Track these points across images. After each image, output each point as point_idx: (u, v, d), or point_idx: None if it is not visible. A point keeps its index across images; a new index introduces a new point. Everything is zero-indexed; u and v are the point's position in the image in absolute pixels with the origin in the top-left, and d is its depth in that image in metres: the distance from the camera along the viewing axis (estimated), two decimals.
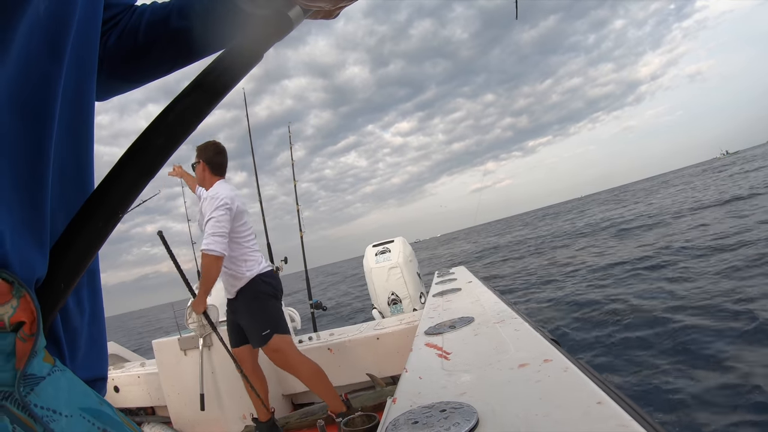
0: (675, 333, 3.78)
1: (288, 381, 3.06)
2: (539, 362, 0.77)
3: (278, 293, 2.58)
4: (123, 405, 3.53)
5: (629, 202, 24.91)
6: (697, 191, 18.67)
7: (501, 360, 0.85)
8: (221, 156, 2.57)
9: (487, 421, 0.59)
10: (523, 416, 0.59)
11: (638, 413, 0.55)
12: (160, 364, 3.15)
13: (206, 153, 2.53)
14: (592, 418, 0.53)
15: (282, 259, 4.07)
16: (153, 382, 3.32)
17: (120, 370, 3.70)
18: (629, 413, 0.53)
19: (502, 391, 0.70)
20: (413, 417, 0.66)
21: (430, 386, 0.81)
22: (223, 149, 2.60)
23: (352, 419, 2.26)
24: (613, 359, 3.65)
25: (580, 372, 0.69)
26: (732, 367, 2.96)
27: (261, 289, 2.48)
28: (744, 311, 3.79)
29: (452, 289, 2.04)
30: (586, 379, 0.65)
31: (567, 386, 0.65)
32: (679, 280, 5.38)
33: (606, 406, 0.55)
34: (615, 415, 0.53)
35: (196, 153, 2.56)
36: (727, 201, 11.98)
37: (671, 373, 3.13)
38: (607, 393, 0.59)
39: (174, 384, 3.07)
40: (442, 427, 0.59)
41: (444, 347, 1.05)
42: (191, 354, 2.98)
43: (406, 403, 0.73)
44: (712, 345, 3.36)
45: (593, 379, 0.66)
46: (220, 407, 2.92)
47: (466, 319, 1.28)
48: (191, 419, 3.01)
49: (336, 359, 2.97)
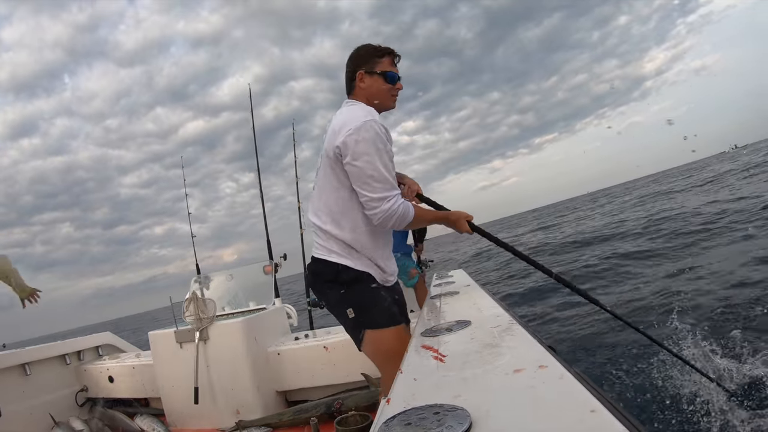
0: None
1: (282, 378, 3.06)
2: (534, 368, 0.77)
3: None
4: (117, 395, 3.53)
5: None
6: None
7: (496, 364, 0.85)
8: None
9: (480, 425, 0.59)
10: (517, 421, 0.59)
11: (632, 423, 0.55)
12: (155, 356, 3.15)
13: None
14: (586, 427, 0.53)
15: (281, 256, 4.08)
16: (148, 373, 3.32)
17: (115, 360, 3.71)
18: (623, 423, 0.53)
19: (496, 395, 0.70)
20: (406, 418, 0.66)
21: (425, 388, 0.81)
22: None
23: (345, 418, 2.27)
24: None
25: (574, 379, 0.69)
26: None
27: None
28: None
29: (450, 292, 2.04)
30: (581, 387, 0.66)
31: (561, 393, 0.65)
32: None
33: (599, 415, 0.56)
34: (608, 424, 0.53)
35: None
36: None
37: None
38: (601, 402, 0.59)
39: (168, 376, 3.08)
40: (435, 429, 0.59)
41: (440, 349, 1.05)
42: (187, 347, 2.98)
43: (400, 404, 0.73)
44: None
45: (588, 387, 0.66)
46: (214, 401, 2.93)
47: (463, 322, 1.28)
48: (184, 412, 3.01)
49: (331, 358, 2.97)
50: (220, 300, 3.57)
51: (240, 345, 2.90)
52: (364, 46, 1.82)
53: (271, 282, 3.75)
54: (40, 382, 3.37)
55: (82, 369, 3.65)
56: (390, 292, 1.85)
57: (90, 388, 3.60)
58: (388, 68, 1.79)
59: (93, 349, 3.88)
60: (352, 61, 1.81)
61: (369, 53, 1.79)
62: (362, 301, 1.71)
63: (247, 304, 3.62)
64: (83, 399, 3.58)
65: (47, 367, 3.47)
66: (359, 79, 1.78)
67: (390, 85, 1.79)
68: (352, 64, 1.80)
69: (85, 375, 3.64)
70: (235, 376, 2.90)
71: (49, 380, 3.44)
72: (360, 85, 1.78)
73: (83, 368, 3.65)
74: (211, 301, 3.06)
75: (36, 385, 3.33)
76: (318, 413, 2.62)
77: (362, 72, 1.77)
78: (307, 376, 3.02)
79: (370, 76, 1.77)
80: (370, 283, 1.74)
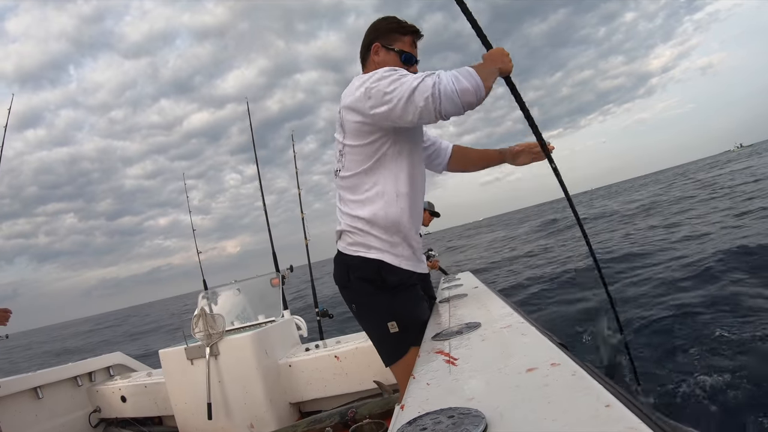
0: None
1: (294, 389, 3.06)
2: (547, 366, 0.77)
3: None
4: (130, 415, 3.53)
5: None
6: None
7: (508, 365, 0.84)
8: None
9: (495, 426, 0.59)
10: (532, 420, 0.58)
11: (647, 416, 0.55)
12: (166, 374, 3.15)
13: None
14: (601, 421, 0.53)
15: (287, 267, 4.09)
16: (160, 391, 3.33)
17: (126, 380, 3.71)
18: (638, 416, 0.53)
19: (510, 395, 0.70)
20: (421, 424, 0.66)
21: (438, 392, 0.81)
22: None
23: (360, 426, 2.25)
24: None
25: (588, 375, 0.69)
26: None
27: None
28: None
29: (458, 294, 2.04)
30: (595, 383, 0.65)
31: (575, 390, 0.65)
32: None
33: (615, 410, 0.55)
34: (624, 418, 0.53)
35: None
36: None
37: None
38: (615, 396, 0.59)
39: (181, 393, 3.08)
40: None
41: (451, 353, 1.05)
42: (198, 363, 2.98)
43: (414, 410, 0.73)
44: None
45: (602, 383, 0.65)
46: (228, 416, 2.92)
47: (472, 324, 1.27)
48: (199, 428, 3.01)
49: (343, 367, 2.96)
50: (228, 314, 3.58)
51: (251, 358, 2.90)
52: (388, 18, 1.68)
53: (279, 294, 3.75)
54: (53, 405, 3.38)
55: (94, 390, 3.66)
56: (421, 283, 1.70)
57: (103, 409, 3.61)
58: (408, 48, 1.66)
59: (104, 370, 3.89)
60: (372, 31, 1.66)
61: (391, 27, 1.65)
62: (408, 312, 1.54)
63: (255, 317, 3.62)
64: (96, 420, 3.58)
65: (59, 390, 3.48)
66: (374, 52, 1.64)
67: (405, 66, 1.63)
68: (371, 34, 1.66)
69: (97, 396, 3.64)
70: (247, 390, 2.90)
71: (62, 403, 3.45)
72: (374, 58, 1.65)
73: (95, 389, 3.66)
74: (220, 316, 3.06)
75: (49, 408, 3.34)
76: (332, 423, 2.61)
77: (379, 45, 1.63)
78: (319, 386, 3.01)
79: (386, 52, 1.63)
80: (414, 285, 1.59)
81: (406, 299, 1.57)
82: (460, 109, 1.37)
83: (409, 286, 1.61)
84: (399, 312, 1.54)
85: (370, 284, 1.56)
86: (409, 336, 1.50)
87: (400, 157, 1.56)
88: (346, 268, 1.61)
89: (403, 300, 1.56)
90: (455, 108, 1.37)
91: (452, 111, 1.37)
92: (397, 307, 1.55)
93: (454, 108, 1.36)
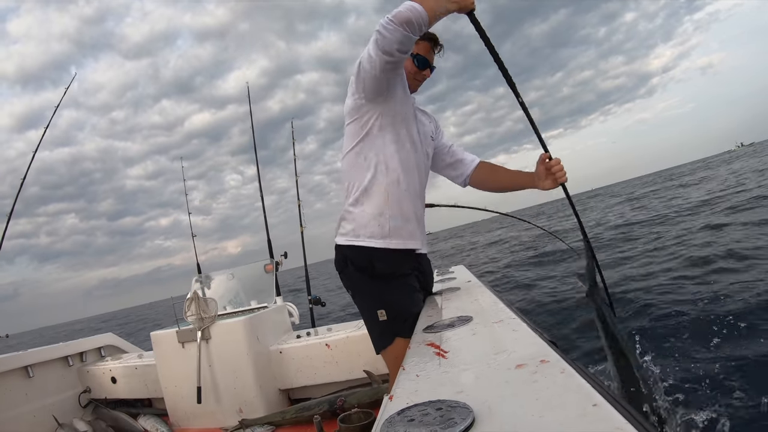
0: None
1: (284, 376, 3.07)
2: (536, 363, 0.77)
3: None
4: (120, 396, 3.54)
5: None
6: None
7: (498, 360, 0.85)
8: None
9: (483, 420, 0.59)
10: (520, 416, 0.59)
11: (633, 416, 0.55)
12: (157, 356, 3.15)
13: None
14: (588, 420, 0.53)
15: (282, 254, 4.08)
16: (150, 374, 3.33)
17: (117, 361, 3.71)
18: (624, 416, 0.53)
19: (498, 390, 0.70)
20: (409, 414, 0.66)
21: (427, 384, 0.82)
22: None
23: (348, 415, 2.27)
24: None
25: (576, 374, 0.69)
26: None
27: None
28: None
29: (451, 288, 2.04)
30: (583, 382, 0.66)
31: (563, 388, 0.65)
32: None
33: (602, 409, 0.56)
34: (610, 418, 0.53)
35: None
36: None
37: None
38: (603, 395, 0.59)
39: (171, 376, 3.08)
40: (438, 425, 0.60)
41: (442, 345, 1.05)
42: (189, 347, 2.99)
43: (403, 401, 0.73)
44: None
45: (590, 382, 0.66)
46: (217, 400, 2.93)
47: (464, 318, 1.28)
48: (188, 412, 3.02)
49: (334, 355, 2.97)
50: (221, 299, 3.57)
51: (242, 344, 2.91)
52: None
53: (272, 280, 3.75)
54: (43, 384, 3.38)
55: (85, 370, 3.66)
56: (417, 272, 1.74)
57: (93, 390, 3.61)
58: (423, 53, 1.69)
59: (95, 350, 3.89)
60: None
61: None
62: (396, 301, 1.58)
63: (248, 303, 3.62)
64: (86, 400, 3.58)
65: (50, 369, 3.48)
66: None
67: (417, 69, 1.70)
68: None
69: (87, 376, 3.64)
70: (237, 375, 2.91)
71: (52, 382, 3.45)
72: None
73: (86, 369, 3.66)
74: (213, 300, 3.06)
75: (39, 387, 3.34)
76: (321, 411, 2.63)
77: None
78: (309, 374, 3.03)
79: None
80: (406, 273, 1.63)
81: (397, 289, 1.61)
82: (399, 29, 1.32)
83: (401, 276, 1.64)
84: (388, 301, 1.58)
85: (364, 272, 1.62)
86: (396, 325, 1.54)
87: (384, 131, 1.61)
88: (343, 257, 1.68)
89: (393, 289, 1.60)
90: (394, 30, 1.32)
91: (395, 35, 1.33)
92: (387, 297, 1.59)
93: (393, 31, 1.32)
